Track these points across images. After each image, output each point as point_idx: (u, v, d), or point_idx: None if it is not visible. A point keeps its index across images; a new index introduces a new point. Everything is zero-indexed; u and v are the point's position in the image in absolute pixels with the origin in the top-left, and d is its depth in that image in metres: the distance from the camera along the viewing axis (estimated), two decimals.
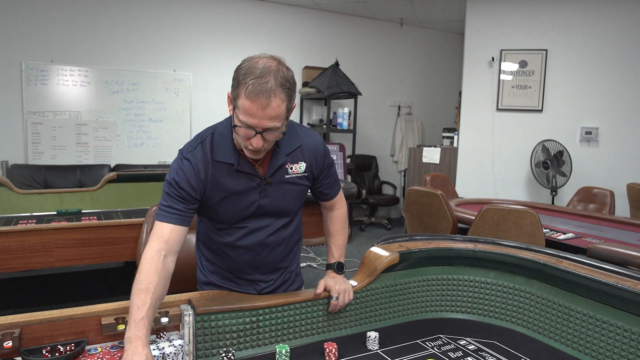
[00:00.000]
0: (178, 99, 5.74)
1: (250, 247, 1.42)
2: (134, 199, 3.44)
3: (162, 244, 1.25)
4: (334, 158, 4.60)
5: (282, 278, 1.54)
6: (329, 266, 1.53)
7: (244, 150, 1.27)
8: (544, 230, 2.79)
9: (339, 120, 6.10)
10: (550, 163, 4.97)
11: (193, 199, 1.31)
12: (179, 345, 1.19)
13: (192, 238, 2.44)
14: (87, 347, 1.18)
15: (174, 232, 1.27)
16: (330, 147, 5.59)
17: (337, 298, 1.40)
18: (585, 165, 5.13)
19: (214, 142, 1.33)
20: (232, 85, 1.22)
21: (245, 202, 1.36)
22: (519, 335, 1.45)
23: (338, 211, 1.61)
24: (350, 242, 5.84)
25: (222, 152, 1.32)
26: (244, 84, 1.16)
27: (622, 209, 4.42)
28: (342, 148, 5.84)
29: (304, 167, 1.41)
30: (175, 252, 1.28)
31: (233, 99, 1.22)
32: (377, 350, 1.32)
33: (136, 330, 1.06)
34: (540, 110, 5.28)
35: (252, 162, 1.34)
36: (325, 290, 1.43)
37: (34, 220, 2.62)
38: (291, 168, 1.39)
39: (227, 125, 1.35)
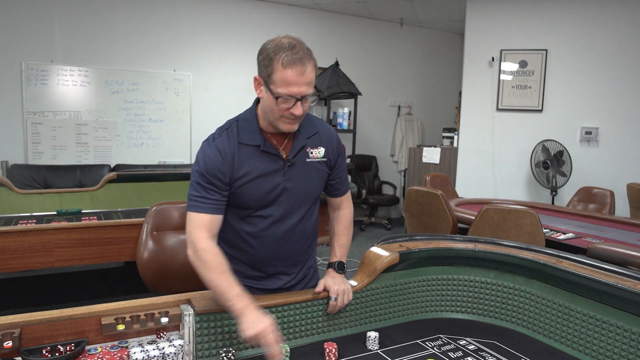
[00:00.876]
0: (178, 99, 5.74)
1: (274, 237, 1.45)
2: (134, 199, 3.44)
3: (207, 232, 1.33)
4: None
5: (302, 273, 1.56)
6: (330, 265, 1.53)
7: (280, 125, 1.33)
8: (544, 230, 2.79)
9: (339, 120, 6.10)
10: (550, 163, 4.97)
11: (224, 185, 1.36)
12: (179, 345, 1.19)
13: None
14: (87, 347, 1.18)
15: (214, 221, 1.35)
16: None
17: (335, 299, 1.40)
18: (585, 165, 5.13)
19: (239, 127, 1.40)
20: (263, 65, 1.29)
21: (270, 184, 1.39)
22: (519, 335, 1.45)
23: (345, 211, 1.63)
24: (351, 242, 5.83)
25: (248, 136, 1.38)
26: (277, 58, 1.25)
27: (622, 209, 4.42)
28: (342, 148, 5.84)
29: (323, 152, 1.48)
30: (216, 237, 1.37)
31: (265, 77, 1.29)
32: (377, 350, 1.32)
33: (243, 302, 1.20)
34: (540, 110, 5.28)
35: (276, 145, 1.40)
36: (324, 290, 1.43)
37: (34, 220, 2.62)
38: (311, 152, 1.46)
39: (251, 112, 1.42)
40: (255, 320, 1.16)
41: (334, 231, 1.62)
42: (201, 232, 1.32)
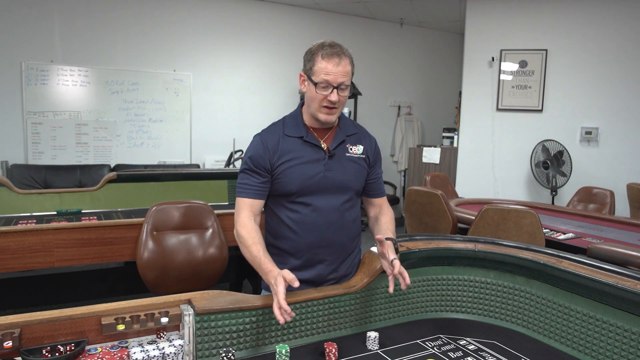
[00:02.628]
0: (178, 99, 5.74)
1: (316, 224, 1.53)
2: (134, 199, 3.44)
3: (248, 212, 1.50)
4: None
5: (345, 268, 1.59)
6: (389, 239, 1.43)
7: (319, 114, 1.49)
8: (544, 230, 2.79)
9: None
10: (550, 163, 4.97)
11: (265, 172, 1.51)
12: (179, 345, 1.19)
13: (192, 237, 2.44)
14: (87, 347, 1.18)
15: (255, 204, 1.52)
16: None
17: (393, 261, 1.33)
18: (585, 165, 5.13)
19: (285, 122, 1.59)
20: (306, 60, 1.49)
21: (311, 171, 1.52)
22: (519, 335, 1.45)
23: (386, 206, 1.70)
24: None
25: (293, 128, 1.55)
26: (318, 53, 1.45)
27: (622, 209, 4.42)
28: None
29: (362, 149, 1.62)
30: (258, 218, 1.53)
31: (308, 70, 1.48)
32: (377, 350, 1.32)
33: (271, 265, 1.35)
34: (540, 110, 5.27)
35: (318, 137, 1.55)
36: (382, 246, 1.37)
37: (34, 220, 2.63)
38: (351, 148, 1.59)
39: (297, 110, 1.61)
40: (273, 272, 1.31)
41: (380, 221, 1.61)
42: (243, 212, 1.49)
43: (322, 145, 1.54)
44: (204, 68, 5.86)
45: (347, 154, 1.58)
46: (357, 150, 1.61)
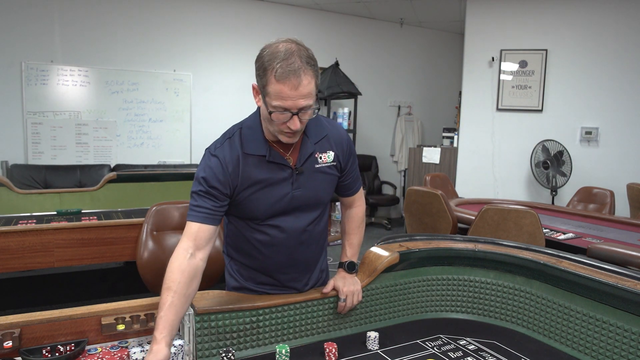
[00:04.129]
0: (178, 99, 5.74)
1: (286, 245, 1.41)
2: (134, 199, 3.44)
3: (190, 242, 1.26)
4: None
5: (315, 277, 1.52)
6: (340, 265, 1.50)
7: (279, 136, 1.27)
8: (544, 230, 2.79)
9: (339, 120, 6.10)
10: (550, 163, 4.97)
11: (223, 195, 1.30)
12: (179, 345, 1.19)
13: None
14: (87, 347, 1.18)
15: (202, 231, 1.27)
16: None
17: (344, 300, 1.39)
18: (585, 165, 5.13)
19: (242, 136, 1.34)
20: (258, 75, 1.22)
21: (278, 194, 1.35)
22: (519, 335, 1.45)
23: (357, 209, 1.59)
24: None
25: (253, 145, 1.32)
26: (270, 69, 1.17)
27: (622, 209, 4.42)
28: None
29: (333, 156, 1.42)
30: (205, 249, 1.28)
31: (261, 88, 1.22)
32: (377, 350, 1.32)
33: (162, 331, 1.10)
34: (540, 110, 5.27)
35: (283, 153, 1.34)
36: (334, 289, 1.42)
37: (34, 220, 2.62)
38: (320, 157, 1.39)
39: (255, 119, 1.36)
40: (148, 355, 1.07)
41: (344, 229, 1.59)
42: (184, 241, 1.26)
43: (289, 161, 1.34)
44: (204, 68, 5.86)
45: (317, 165, 1.39)
46: (328, 158, 1.40)
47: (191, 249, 1.25)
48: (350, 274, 1.47)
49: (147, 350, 1.15)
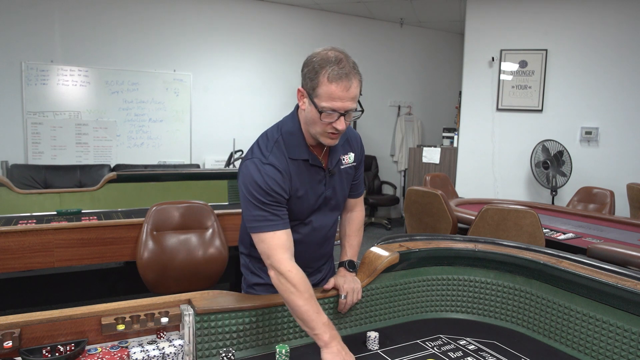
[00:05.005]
0: (178, 99, 5.74)
1: (315, 241, 1.51)
2: (134, 199, 3.44)
3: (288, 252, 1.30)
4: None
5: (328, 266, 1.63)
6: (341, 264, 1.54)
7: (322, 138, 1.33)
8: (544, 230, 2.79)
9: None
10: (550, 163, 4.97)
11: (285, 200, 1.36)
12: (179, 345, 1.19)
13: (192, 237, 2.45)
14: (87, 347, 1.18)
15: (289, 237, 1.33)
16: None
17: (345, 297, 1.40)
18: (585, 165, 5.13)
19: (285, 142, 1.38)
20: (308, 78, 1.27)
21: (315, 195, 1.44)
22: (519, 335, 1.45)
23: (357, 213, 1.65)
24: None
25: (296, 150, 1.38)
26: (323, 72, 1.23)
27: (622, 209, 4.42)
28: None
29: (353, 157, 1.52)
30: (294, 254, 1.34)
31: (310, 90, 1.27)
32: (377, 350, 1.32)
33: (330, 332, 1.21)
34: (540, 110, 5.27)
35: (318, 156, 1.42)
36: (334, 288, 1.43)
37: (34, 220, 2.62)
38: (344, 159, 1.50)
39: (294, 124, 1.40)
40: (339, 353, 1.18)
41: (345, 232, 1.63)
42: (282, 252, 1.28)
43: (322, 163, 1.44)
44: (204, 68, 5.86)
45: (342, 166, 1.50)
46: (349, 159, 1.52)
47: (292, 258, 1.30)
48: (350, 273, 1.49)
49: (146, 350, 1.15)
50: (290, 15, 6.33)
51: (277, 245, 1.29)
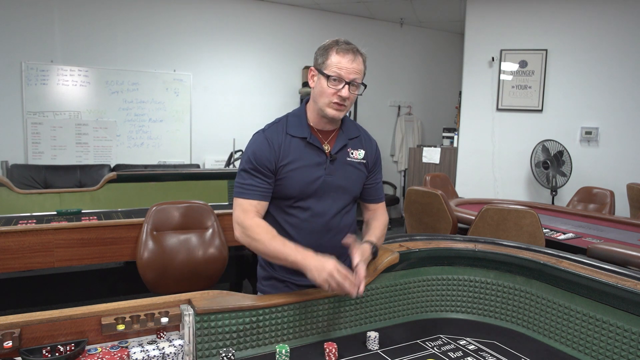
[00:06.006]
0: (178, 99, 5.74)
1: (313, 229, 1.52)
2: (134, 199, 3.44)
3: (253, 214, 1.45)
4: None
5: None
6: (368, 242, 1.48)
7: (327, 110, 1.45)
8: (544, 230, 2.79)
9: None
10: (550, 163, 4.97)
11: (270, 173, 1.47)
12: (179, 345, 1.19)
13: (192, 237, 2.45)
14: (87, 347, 1.17)
15: (260, 205, 1.48)
16: None
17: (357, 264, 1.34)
18: (585, 165, 5.13)
19: (288, 121, 1.53)
20: (319, 55, 1.47)
21: (312, 176, 1.49)
22: (519, 335, 1.45)
23: (380, 212, 1.67)
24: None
25: (296, 128, 1.51)
26: (332, 48, 1.44)
27: (622, 209, 4.42)
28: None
29: (363, 154, 1.60)
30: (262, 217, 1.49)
31: (320, 64, 1.46)
32: (377, 350, 1.32)
33: (302, 253, 1.33)
34: (540, 110, 5.27)
35: (321, 140, 1.52)
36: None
37: (34, 220, 2.63)
38: (352, 153, 1.57)
39: (301, 109, 1.57)
40: (320, 265, 1.28)
41: (370, 225, 1.60)
42: (247, 214, 1.44)
43: (325, 148, 1.51)
44: (204, 68, 5.86)
45: (348, 159, 1.55)
46: (358, 155, 1.58)
47: (257, 216, 1.45)
48: (371, 255, 1.46)
49: (146, 350, 1.15)
50: (290, 15, 6.33)
51: (244, 209, 1.45)
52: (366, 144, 1.62)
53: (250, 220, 1.43)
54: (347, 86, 1.42)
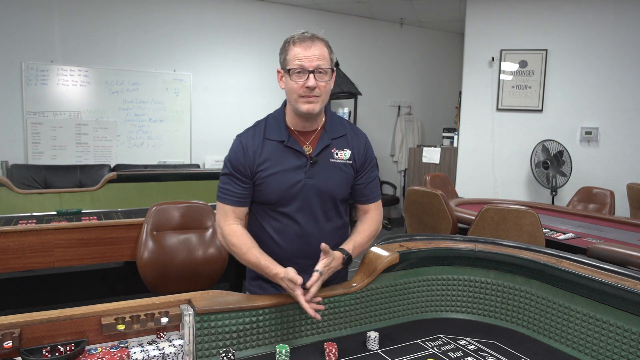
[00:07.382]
0: (178, 99, 5.74)
1: (297, 233, 1.49)
2: (134, 199, 3.44)
3: (232, 219, 1.47)
4: None
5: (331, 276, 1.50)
6: (341, 250, 1.45)
7: (300, 105, 1.40)
8: (544, 230, 2.79)
9: None
10: (550, 163, 4.96)
11: (245, 178, 1.46)
12: (179, 345, 1.19)
13: (192, 237, 2.45)
14: (87, 347, 1.18)
15: (238, 211, 1.49)
16: None
17: (321, 273, 1.33)
18: (585, 165, 5.13)
19: (267, 124, 1.50)
20: (280, 54, 1.43)
21: (291, 180, 1.45)
22: (519, 335, 1.45)
23: (371, 215, 1.59)
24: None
25: (274, 131, 1.47)
26: (289, 42, 1.40)
27: (622, 209, 4.42)
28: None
29: (349, 154, 1.52)
30: (243, 220, 1.52)
31: (282, 62, 1.42)
32: (377, 350, 1.32)
33: (274, 267, 1.37)
34: (540, 110, 5.27)
35: (302, 142, 1.47)
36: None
37: (34, 220, 2.62)
38: (337, 153, 1.50)
39: (280, 111, 1.52)
40: (282, 281, 1.34)
41: (355, 229, 1.56)
42: (227, 219, 1.46)
43: (305, 150, 1.46)
44: (204, 68, 5.86)
45: (332, 160, 1.48)
46: (344, 155, 1.50)
47: (238, 221, 1.48)
48: (342, 264, 1.44)
49: (146, 350, 1.15)
50: (290, 15, 6.33)
51: (225, 214, 1.47)
52: (353, 143, 1.52)
53: (228, 227, 1.46)
54: (311, 75, 1.36)
